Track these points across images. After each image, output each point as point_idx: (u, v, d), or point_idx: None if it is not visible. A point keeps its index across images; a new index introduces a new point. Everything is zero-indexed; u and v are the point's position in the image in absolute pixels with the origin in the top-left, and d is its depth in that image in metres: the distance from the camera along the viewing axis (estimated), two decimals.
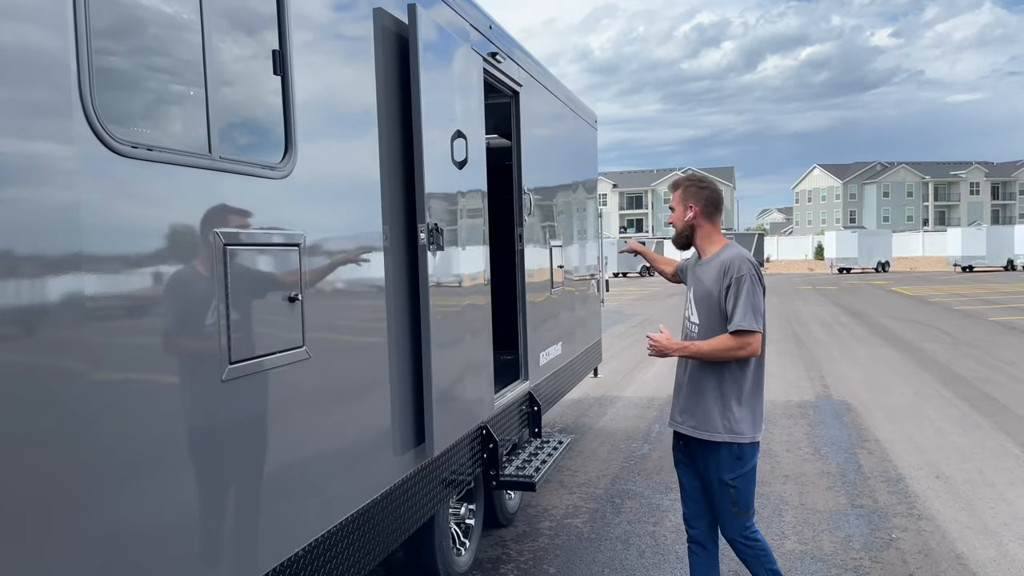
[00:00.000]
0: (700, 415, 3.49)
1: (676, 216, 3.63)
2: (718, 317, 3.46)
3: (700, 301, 3.54)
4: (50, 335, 1.75)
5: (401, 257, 3.48)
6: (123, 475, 1.94)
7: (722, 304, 3.42)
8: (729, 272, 3.41)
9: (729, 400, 3.43)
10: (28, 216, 1.70)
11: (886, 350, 13.73)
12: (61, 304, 1.76)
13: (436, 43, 3.71)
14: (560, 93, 6.60)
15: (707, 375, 3.47)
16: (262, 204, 2.49)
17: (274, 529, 2.52)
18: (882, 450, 7.23)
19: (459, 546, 4.56)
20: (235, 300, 2.30)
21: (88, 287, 1.82)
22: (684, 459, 3.69)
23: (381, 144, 3.34)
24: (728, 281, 3.40)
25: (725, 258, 3.48)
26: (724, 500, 3.50)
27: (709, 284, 3.49)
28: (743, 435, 3.44)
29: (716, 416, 3.44)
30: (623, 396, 10.09)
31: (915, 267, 51.31)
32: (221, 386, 2.25)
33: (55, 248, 1.75)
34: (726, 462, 3.45)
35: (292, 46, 2.63)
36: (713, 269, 3.50)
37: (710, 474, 3.52)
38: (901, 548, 4.94)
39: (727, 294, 3.40)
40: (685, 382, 3.59)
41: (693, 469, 3.64)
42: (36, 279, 1.72)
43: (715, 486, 3.51)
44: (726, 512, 3.51)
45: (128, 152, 1.92)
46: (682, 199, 3.60)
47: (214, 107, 2.25)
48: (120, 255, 1.93)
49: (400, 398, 3.43)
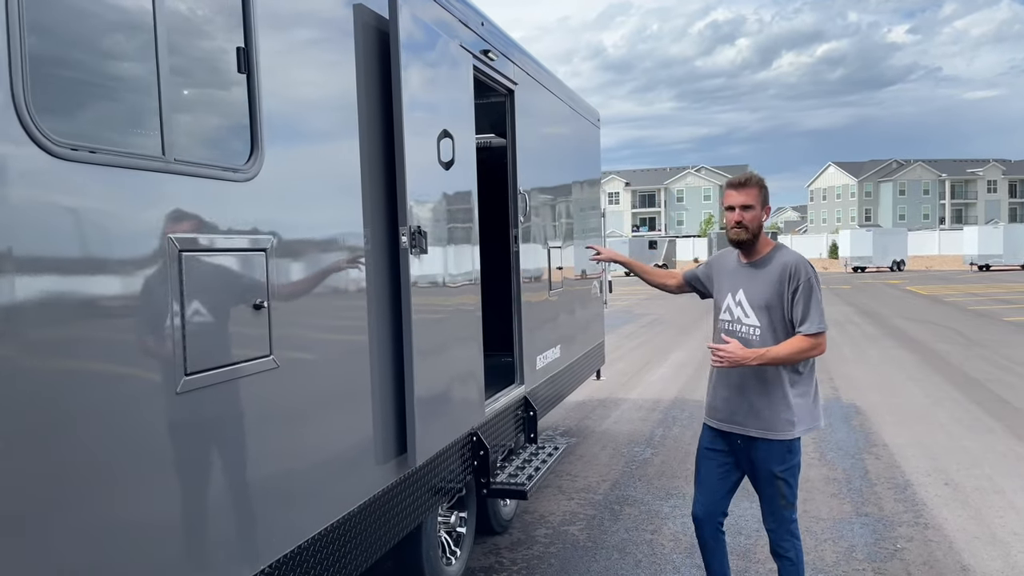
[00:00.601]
0: (763, 415, 3.48)
1: (753, 216, 3.49)
2: (781, 318, 3.46)
3: (758, 303, 3.50)
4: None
5: (383, 261, 3.38)
6: (66, 496, 1.84)
7: (787, 306, 3.44)
8: (796, 275, 3.43)
9: (790, 398, 3.46)
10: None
11: (898, 351, 13.52)
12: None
13: (420, 40, 3.61)
14: (559, 91, 6.48)
15: (768, 375, 3.46)
16: (223, 208, 2.38)
17: (237, 547, 2.42)
18: (890, 455, 7.07)
19: (449, 555, 4.46)
20: (191, 308, 2.20)
21: (22, 295, 1.72)
22: (717, 456, 3.68)
23: (362, 145, 3.24)
24: (797, 284, 3.42)
25: (788, 261, 3.48)
26: (773, 493, 3.54)
27: (771, 286, 3.47)
28: (796, 430, 3.48)
29: (777, 415, 3.46)
30: (628, 398, 9.96)
31: (931, 266, 50.76)
32: (176, 398, 2.16)
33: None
34: (778, 456, 3.50)
35: (259, 43, 2.53)
36: (774, 272, 3.48)
37: (760, 468, 3.54)
38: (906, 559, 4.80)
39: (795, 297, 3.42)
40: (735, 382, 3.55)
41: (725, 464, 3.66)
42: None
43: (765, 479, 3.55)
44: (774, 504, 3.55)
45: (67, 155, 1.83)
46: (762, 199, 3.52)
47: (168, 107, 2.15)
48: (58, 262, 1.83)
49: (381, 407, 3.32)
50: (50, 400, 1.81)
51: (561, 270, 6.30)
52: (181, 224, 2.19)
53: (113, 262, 1.98)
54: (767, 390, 3.47)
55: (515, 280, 5.28)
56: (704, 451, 3.74)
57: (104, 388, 1.96)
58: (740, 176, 3.59)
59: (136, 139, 2.09)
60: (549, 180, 6.15)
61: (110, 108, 2.05)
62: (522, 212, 5.30)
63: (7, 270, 1.69)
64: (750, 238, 3.53)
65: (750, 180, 3.54)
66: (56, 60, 1.88)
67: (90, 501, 1.90)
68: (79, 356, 1.89)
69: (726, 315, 3.64)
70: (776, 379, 3.46)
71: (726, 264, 3.73)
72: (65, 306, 1.84)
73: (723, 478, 3.68)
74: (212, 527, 2.32)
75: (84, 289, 1.90)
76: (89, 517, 1.90)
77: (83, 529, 1.88)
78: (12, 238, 1.70)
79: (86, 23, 1.96)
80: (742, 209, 3.49)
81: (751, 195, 3.49)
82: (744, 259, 3.61)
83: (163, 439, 2.13)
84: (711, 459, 3.70)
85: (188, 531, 2.23)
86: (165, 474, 2.14)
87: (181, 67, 2.24)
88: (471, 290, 4.25)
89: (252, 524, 2.50)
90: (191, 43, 2.32)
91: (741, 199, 3.49)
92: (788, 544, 3.57)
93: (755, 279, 3.53)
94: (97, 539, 1.92)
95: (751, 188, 3.50)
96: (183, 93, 2.25)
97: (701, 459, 3.75)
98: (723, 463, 3.67)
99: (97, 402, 1.93)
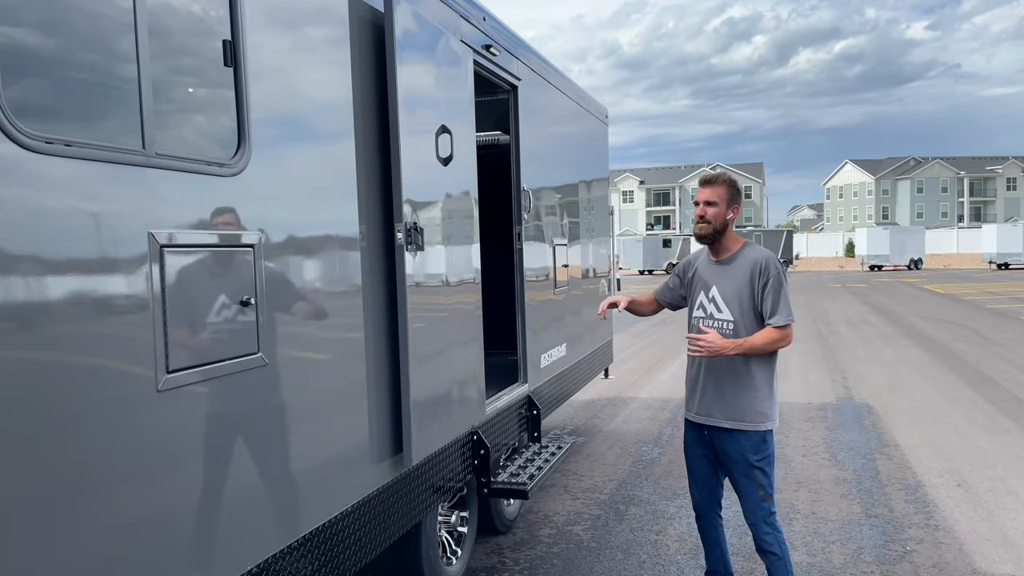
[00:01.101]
0: (736, 407, 3.66)
1: (717, 212, 3.68)
2: (752, 312, 3.65)
3: (731, 299, 3.68)
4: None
5: (379, 258, 3.34)
6: (44, 499, 1.81)
7: (757, 300, 3.63)
8: (766, 271, 3.63)
9: (763, 390, 3.66)
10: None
11: (913, 350, 13.35)
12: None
13: (416, 34, 3.56)
14: (564, 87, 6.42)
15: (740, 368, 3.65)
16: (208, 203, 2.35)
17: (223, 548, 2.39)
18: (902, 456, 6.96)
19: (450, 555, 4.42)
20: (173, 305, 2.16)
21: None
22: (702, 449, 3.86)
23: (357, 140, 3.19)
24: (767, 279, 3.62)
25: (756, 258, 3.68)
26: (751, 484, 3.68)
27: (741, 282, 3.66)
28: (770, 421, 3.67)
29: (751, 406, 3.64)
30: (637, 397, 9.88)
31: (949, 264, 50.19)
32: (157, 396, 2.12)
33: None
34: (753, 445, 3.66)
35: (247, 36, 2.49)
36: (744, 267, 3.68)
37: (737, 460, 3.69)
38: (915, 561, 4.71)
39: (765, 291, 3.61)
40: (708, 378, 3.74)
41: (710, 457, 3.84)
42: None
43: (742, 470, 3.69)
44: (752, 496, 3.69)
45: (41, 148, 1.79)
46: (727, 197, 3.69)
47: (150, 100, 2.11)
48: (31, 258, 1.79)
49: (376, 405, 3.28)
50: (24, 399, 1.77)
51: (567, 268, 6.24)
52: (162, 219, 2.15)
53: (91, 256, 1.95)
54: (740, 383, 3.66)
55: (518, 278, 5.23)
56: (690, 446, 3.94)
57: (82, 385, 1.92)
58: (710, 175, 3.82)
59: (116, 133, 2.05)
60: (554, 177, 6.09)
61: (88, 101, 2.01)
62: (525, 209, 5.25)
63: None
64: (712, 233, 3.71)
65: (718, 179, 3.75)
66: (28, 52, 1.85)
67: (66, 501, 1.87)
68: (55, 352, 1.86)
69: (699, 311, 3.82)
70: (748, 374, 3.65)
71: (697, 264, 3.92)
72: (40, 302, 1.81)
73: (712, 469, 3.87)
74: (195, 527, 2.29)
75: (61, 285, 1.87)
76: (65, 517, 1.87)
77: (59, 530, 1.85)
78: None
79: (61, 12, 1.92)
80: (706, 204, 3.69)
81: (717, 192, 3.68)
82: (714, 257, 3.80)
83: (143, 437, 2.09)
84: (697, 452, 3.89)
85: (170, 532, 2.20)
86: (145, 474, 2.11)
87: (164, 59, 2.21)
88: (471, 288, 4.20)
89: (238, 524, 2.46)
90: (175, 35, 2.28)
91: (707, 195, 3.70)
92: (771, 538, 3.69)
93: (727, 275, 3.72)
94: (73, 540, 1.89)
95: (718, 186, 3.70)
96: (166, 86, 2.21)
97: (689, 454, 3.95)
98: (708, 455, 3.85)
99: (74, 399, 1.89)
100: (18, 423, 1.76)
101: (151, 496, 2.13)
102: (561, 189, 6.27)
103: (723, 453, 3.75)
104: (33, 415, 1.79)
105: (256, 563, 2.51)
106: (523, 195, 5.22)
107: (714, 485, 3.92)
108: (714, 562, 3.99)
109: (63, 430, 1.86)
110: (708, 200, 3.69)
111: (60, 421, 1.86)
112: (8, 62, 1.74)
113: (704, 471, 3.90)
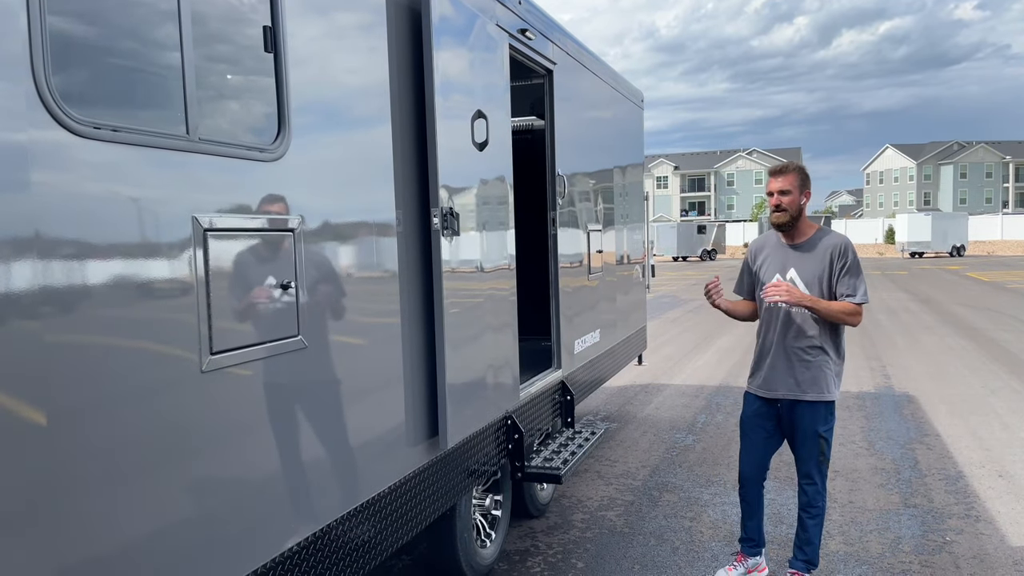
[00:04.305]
0: (818, 380, 3.91)
1: (792, 200, 3.89)
2: (828, 293, 3.89)
3: (810, 279, 3.91)
4: (10, 330, 1.67)
5: (415, 243, 3.36)
6: (94, 477, 1.86)
7: (834, 282, 3.88)
8: (845, 254, 3.88)
9: (836, 365, 3.95)
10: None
11: (955, 339, 13.09)
12: (20, 296, 1.69)
13: (453, 18, 3.56)
14: (600, 72, 6.38)
15: (818, 344, 3.90)
16: (249, 188, 2.39)
17: (263, 526, 2.44)
18: (942, 446, 6.85)
19: (484, 538, 4.46)
20: (216, 288, 2.21)
21: (46, 277, 1.74)
22: (762, 421, 4.09)
23: (394, 125, 3.21)
24: (844, 261, 3.87)
25: (836, 242, 3.91)
26: (814, 451, 3.98)
27: (820, 265, 3.90)
28: (837, 391, 3.99)
29: (828, 379, 3.92)
30: (672, 384, 9.84)
31: (993, 251, 49.03)
32: (201, 377, 2.17)
33: (8, 237, 1.67)
34: (822, 416, 3.95)
35: (286, 22, 2.52)
36: (823, 251, 3.90)
37: (806, 430, 3.96)
38: (954, 552, 4.64)
39: (843, 274, 3.86)
40: (778, 352, 3.97)
41: (768, 430, 4.09)
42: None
43: (809, 440, 3.97)
44: (812, 461, 4.00)
45: (89, 134, 1.84)
46: (799, 185, 3.90)
47: (193, 86, 2.15)
48: (80, 242, 1.84)
49: (412, 389, 3.32)
50: (75, 380, 1.83)
51: (601, 254, 6.22)
52: (205, 204, 2.19)
53: (138, 240, 1.99)
54: (810, 362, 3.91)
55: (552, 264, 5.23)
56: (750, 418, 4.16)
57: (129, 367, 1.97)
58: (779, 164, 4.00)
59: (161, 118, 2.09)
60: (589, 162, 6.06)
61: (133, 87, 2.05)
62: (560, 195, 5.24)
63: (31, 251, 1.71)
64: (789, 220, 3.92)
65: (788, 167, 3.95)
66: (76, 40, 1.89)
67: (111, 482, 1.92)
68: (102, 335, 1.91)
69: None
70: (822, 347, 3.91)
71: (767, 247, 4.11)
72: (88, 285, 1.86)
73: (767, 441, 4.13)
74: (237, 506, 2.34)
75: (108, 269, 1.91)
76: (110, 499, 1.92)
77: (106, 511, 1.90)
78: (35, 218, 1.72)
79: (107, 1, 1.96)
80: (780, 194, 3.89)
81: (788, 181, 3.88)
82: (788, 240, 4.00)
83: (190, 416, 2.15)
84: (756, 424, 4.12)
85: (211, 511, 2.25)
86: (189, 453, 2.16)
87: (206, 46, 2.24)
88: (506, 273, 4.21)
89: (279, 503, 2.51)
90: (216, 21, 2.31)
91: (779, 185, 3.89)
92: (821, 499, 4.03)
93: (805, 259, 3.94)
94: (119, 521, 1.95)
95: (789, 174, 3.90)
96: (208, 72, 2.25)
97: (748, 426, 4.17)
98: (768, 427, 4.09)
99: (121, 381, 1.95)
100: (70, 405, 1.81)
101: (196, 472, 2.18)
102: (596, 175, 6.24)
103: (791, 424, 3.99)
104: (84, 397, 1.84)
105: (287, 547, 2.56)
106: (558, 180, 5.21)
107: (765, 457, 4.15)
108: (751, 530, 4.21)
109: (114, 409, 1.92)
110: (781, 189, 3.87)
111: (111, 400, 1.91)
112: (57, 50, 1.77)
113: (759, 443, 4.12)
